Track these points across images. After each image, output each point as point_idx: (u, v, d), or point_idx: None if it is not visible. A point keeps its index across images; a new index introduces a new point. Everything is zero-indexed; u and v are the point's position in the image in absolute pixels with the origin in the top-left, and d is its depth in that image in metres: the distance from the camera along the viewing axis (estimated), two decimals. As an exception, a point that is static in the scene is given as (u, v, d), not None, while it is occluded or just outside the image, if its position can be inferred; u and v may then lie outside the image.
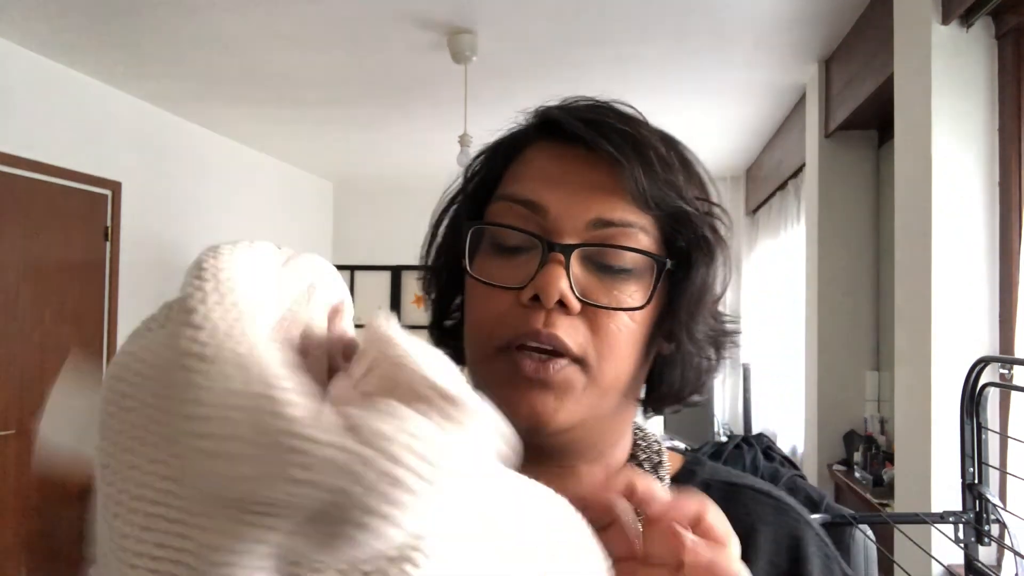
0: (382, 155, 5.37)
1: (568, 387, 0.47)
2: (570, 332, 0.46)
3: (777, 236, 4.66)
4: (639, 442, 0.57)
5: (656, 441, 0.58)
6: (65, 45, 3.26)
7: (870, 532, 1.38)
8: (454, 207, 0.55)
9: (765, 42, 3.10)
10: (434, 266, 0.56)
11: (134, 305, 3.98)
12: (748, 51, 3.20)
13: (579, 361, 0.47)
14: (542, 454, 0.51)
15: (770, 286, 4.82)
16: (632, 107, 0.53)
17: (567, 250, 0.46)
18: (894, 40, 2.32)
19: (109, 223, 3.82)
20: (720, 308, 0.54)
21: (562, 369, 0.46)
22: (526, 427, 0.47)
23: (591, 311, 0.47)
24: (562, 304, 0.46)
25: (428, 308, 0.58)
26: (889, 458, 2.86)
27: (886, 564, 1.93)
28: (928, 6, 2.03)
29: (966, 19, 1.99)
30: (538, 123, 0.53)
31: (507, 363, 0.47)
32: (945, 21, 2.00)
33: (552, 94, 0.55)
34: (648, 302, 0.48)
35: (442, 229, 0.56)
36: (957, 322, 1.99)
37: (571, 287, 0.46)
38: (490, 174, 0.54)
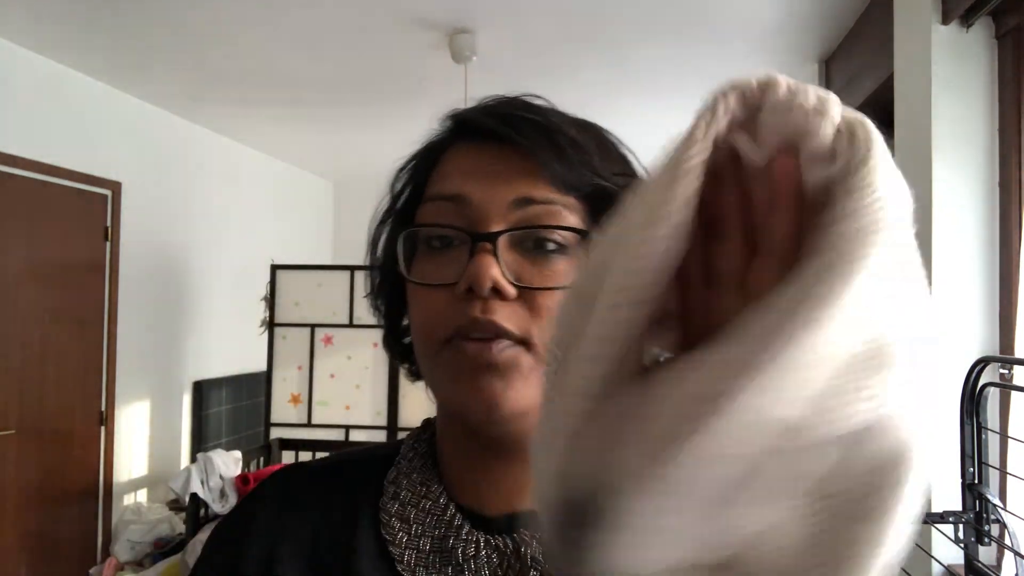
0: (382, 155, 5.34)
1: (514, 366, 0.47)
2: (510, 316, 0.47)
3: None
4: None
5: None
6: (65, 45, 3.26)
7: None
8: (387, 225, 0.57)
9: (765, 42, 3.10)
10: (379, 284, 0.58)
11: (134, 305, 3.98)
12: (748, 51, 3.20)
13: (523, 342, 0.47)
14: (503, 448, 0.51)
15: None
16: (544, 99, 0.54)
17: (492, 237, 0.47)
18: (894, 40, 2.32)
19: (109, 223, 3.82)
20: None
21: (505, 349, 0.47)
22: (481, 414, 0.47)
23: (528, 294, 0.47)
24: (497, 291, 0.47)
25: (380, 322, 0.59)
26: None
27: (886, 564, 1.93)
28: (928, 6, 2.03)
29: (966, 19, 1.99)
30: (452, 126, 0.54)
31: (452, 354, 0.48)
32: (945, 21, 2.00)
33: (552, 94, 0.55)
34: None
35: (379, 248, 0.57)
36: (957, 322, 1.99)
37: (503, 273, 0.47)
38: (415, 185, 0.55)
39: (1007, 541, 1.40)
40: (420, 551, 0.51)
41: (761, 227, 0.27)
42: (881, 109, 2.84)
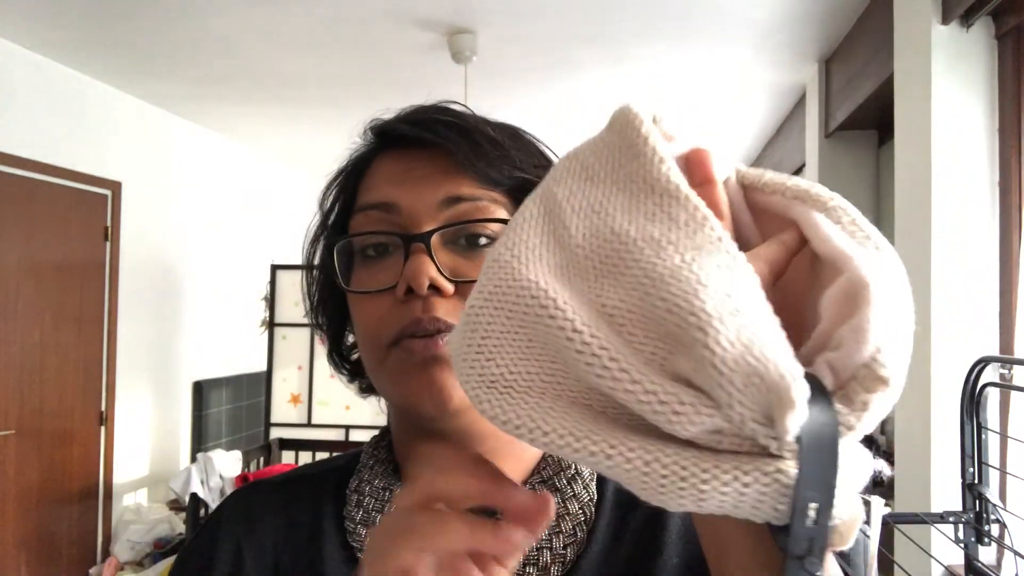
0: (382, 155, 5.36)
1: None
2: (452, 312, 0.48)
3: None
4: None
5: None
6: (65, 45, 3.26)
7: (870, 532, 1.38)
8: (321, 241, 0.57)
9: (765, 42, 3.10)
10: (319, 302, 0.58)
11: (134, 305, 3.98)
12: (748, 51, 3.20)
13: None
14: (459, 445, 0.51)
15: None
16: (462, 104, 0.55)
17: (425, 237, 0.48)
18: (894, 40, 2.32)
19: (109, 223, 3.82)
20: None
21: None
22: (433, 408, 0.48)
23: (466, 288, 0.48)
24: (437, 289, 0.47)
25: (323, 341, 0.60)
26: (889, 458, 2.86)
27: (886, 564, 1.93)
28: (928, 6, 2.03)
29: (966, 19, 1.99)
30: (374, 138, 0.56)
31: (398, 354, 0.49)
32: (945, 21, 2.00)
33: (552, 94, 0.55)
34: None
35: (316, 261, 0.58)
36: (957, 322, 1.99)
37: (439, 270, 0.47)
38: (345, 200, 0.56)
39: (1007, 541, 1.40)
40: None
41: None
42: (881, 109, 2.84)
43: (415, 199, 0.50)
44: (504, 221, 0.49)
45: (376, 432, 0.61)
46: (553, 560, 0.50)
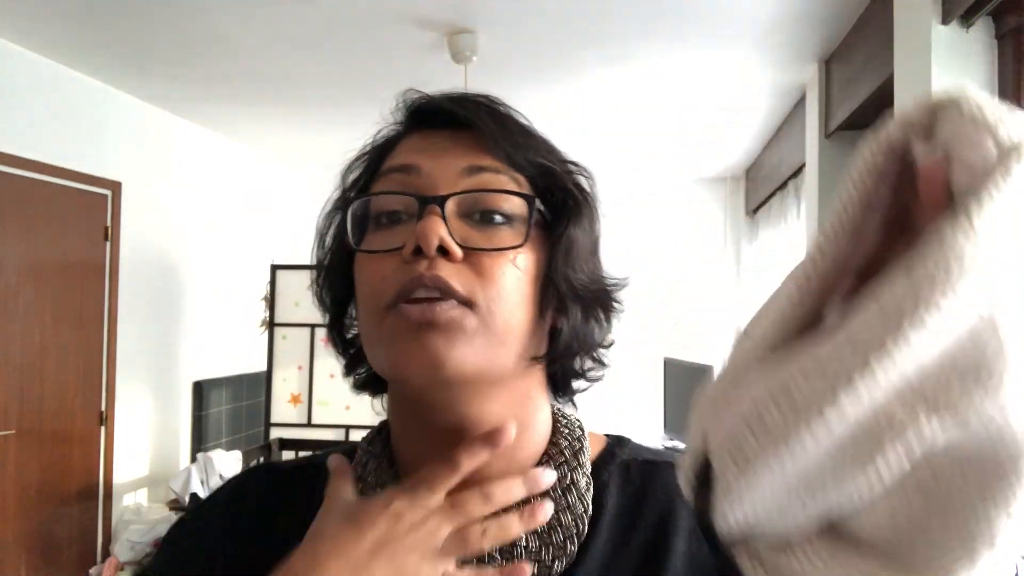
0: (382, 155, 5.36)
1: (457, 326, 0.46)
2: (455, 275, 0.47)
3: (777, 236, 4.66)
4: (561, 429, 0.57)
5: (579, 427, 0.58)
6: (65, 45, 3.26)
7: None
8: (336, 214, 0.56)
9: (765, 42, 3.10)
10: (326, 272, 0.57)
11: (134, 305, 3.98)
12: (748, 51, 3.20)
13: (468, 304, 0.47)
14: (457, 432, 0.50)
15: (770, 286, 4.82)
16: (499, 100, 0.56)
17: (441, 200, 0.48)
18: (894, 40, 2.32)
19: (109, 223, 3.82)
20: (598, 254, 0.56)
21: (449, 309, 0.46)
22: (424, 376, 0.46)
23: (474, 258, 0.48)
24: (445, 252, 0.47)
25: (325, 315, 0.59)
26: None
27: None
28: (928, 6, 2.03)
29: (966, 19, 1.99)
30: (405, 118, 0.55)
31: (394, 318, 0.47)
32: (945, 21, 2.00)
33: (552, 94, 0.56)
34: (526, 240, 0.49)
35: (329, 234, 0.57)
36: (957, 322, 1.99)
37: (450, 234, 0.47)
38: (367, 170, 0.56)
39: (1007, 541, 1.40)
40: None
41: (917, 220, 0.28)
42: (881, 109, 2.84)
43: (436, 163, 0.50)
44: (518, 193, 0.50)
45: (370, 431, 0.61)
46: (539, 573, 0.50)
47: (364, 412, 3.87)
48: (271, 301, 4.00)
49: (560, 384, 0.57)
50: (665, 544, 0.51)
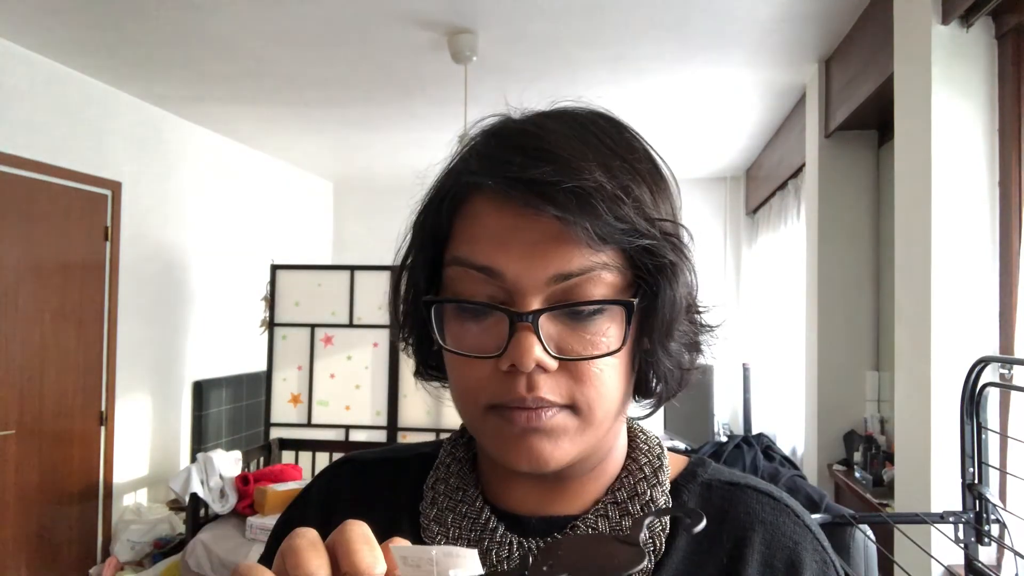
0: (382, 155, 5.37)
1: (562, 431, 0.48)
2: (554, 388, 0.47)
3: (777, 236, 4.66)
4: (640, 445, 0.58)
5: (658, 444, 0.59)
6: (65, 45, 3.26)
7: (870, 532, 1.38)
8: (411, 258, 0.55)
9: (765, 42, 3.10)
10: (404, 314, 0.56)
11: (134, 305, 3.98)
12: (748, 51, 3.20)
13: (569, 407, 0.48)
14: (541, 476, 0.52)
15: (770, 286, 4.83)
16: (557, 120, 0.51)
17: (533, 316, 0.46)
18: (894, 40, 2.32)
19: (109, 223, 3.82)
20: (694, 305, 0.54)
21: (554, 416, 0.48)
22: (527, 470, 0.49)
23: (569, 364, 0.48)
24: (540, 366, 0.47)
25: (410, 354, 0.58)
26: (889, 458, 2.86)
27: (886, 564, 1.93)
28: (928, 6, 2.03)
29: (966, 19, 1.99)
30: (474, 174, 0.50)
31: (499, 419, 0.49)
32: (945, 21, 2.00)
33: (552, 94, 0.55)
34: (623, 345, 0.48)
35: (403, 281, 0.55)
36: (957, 322, 1.99)
37: (545, 349, 0.46)
38: (439, 227, 0.52)
39: (1007, 541, 1.40)
40: None
41: None
42: (881, 109, 2.84)
43: (522, 271, 0.47)
44: (612, 302, 0.47)
45: (454, 432, 0.62)
46: None
47: (364, 412, 3.87)
48: (271, 301, 4.00)
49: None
50: (736, 570, 0.52)
